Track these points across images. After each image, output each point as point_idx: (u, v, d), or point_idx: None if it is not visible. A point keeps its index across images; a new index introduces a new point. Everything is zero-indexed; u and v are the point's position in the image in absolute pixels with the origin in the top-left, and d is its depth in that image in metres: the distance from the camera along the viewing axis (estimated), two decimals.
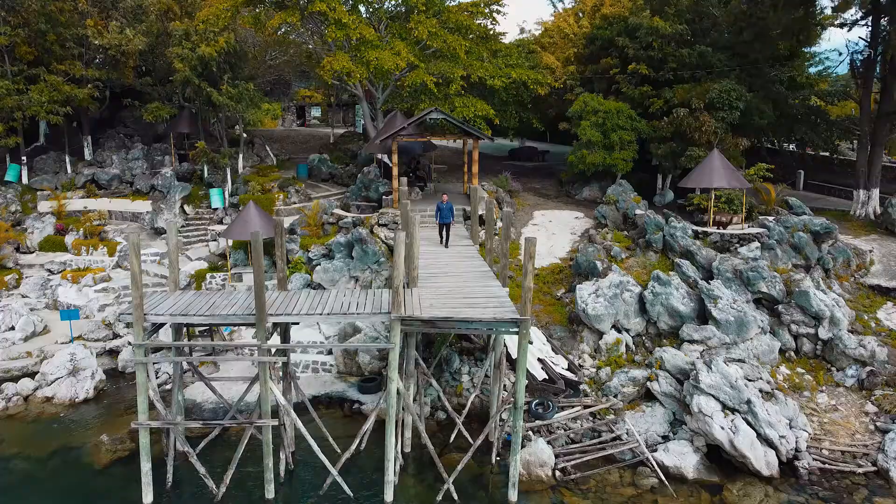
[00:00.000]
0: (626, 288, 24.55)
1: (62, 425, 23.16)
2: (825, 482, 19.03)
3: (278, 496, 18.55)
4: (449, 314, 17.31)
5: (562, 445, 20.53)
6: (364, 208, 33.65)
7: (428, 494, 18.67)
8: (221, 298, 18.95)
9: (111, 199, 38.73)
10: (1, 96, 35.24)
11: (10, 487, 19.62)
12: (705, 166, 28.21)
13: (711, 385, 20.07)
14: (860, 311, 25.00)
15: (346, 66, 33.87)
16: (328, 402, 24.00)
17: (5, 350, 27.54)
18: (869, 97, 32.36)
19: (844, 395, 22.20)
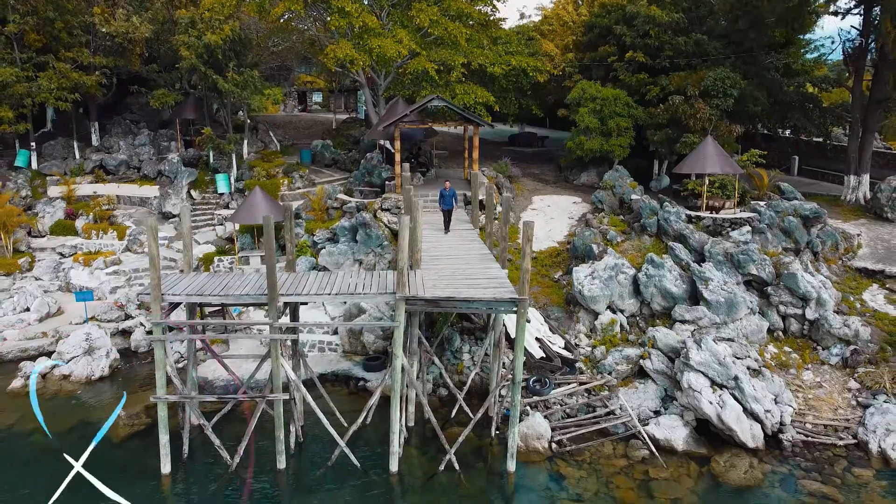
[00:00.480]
0: (621, 270, 25.48)
1: (79, 401, 24.18)
2: (807, 454, 20.04)
3: (289, 467, 19.57)
4: (451, 294, 18.25)
5: (558, 420, 21.53)
6: (367, 193, 34.53)
7: (430, 465, 19.69)
8: (234, 279, 19.87)
9: (119, 184, 39.57)
10: (11, 83, 36.00)
11: (33, 460, 20.62)
12: (699, 152, 29.05)
13: (701, 362, 21.04)
14: (846, 293, 25.96)
15: (350, 53, 34.59)
16: (334, 380, 24.98)
17: (21, 330, 28.54)
18: (860, 85, 33.11)
19: (829, 372, 23.19)
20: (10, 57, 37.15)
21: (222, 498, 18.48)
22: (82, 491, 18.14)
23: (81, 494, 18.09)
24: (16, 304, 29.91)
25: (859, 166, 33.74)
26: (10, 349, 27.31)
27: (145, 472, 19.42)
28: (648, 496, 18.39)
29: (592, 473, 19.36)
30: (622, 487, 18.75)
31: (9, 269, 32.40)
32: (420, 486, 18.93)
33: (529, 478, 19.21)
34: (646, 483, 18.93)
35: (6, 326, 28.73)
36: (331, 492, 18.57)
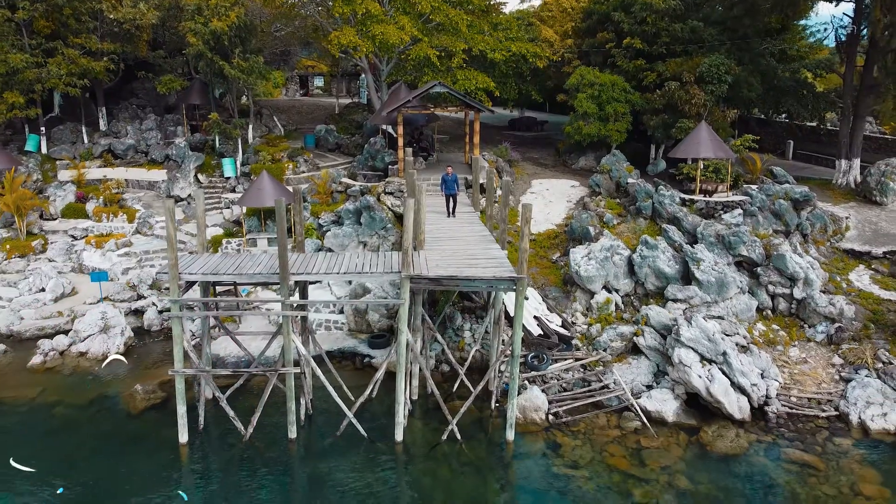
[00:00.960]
0: (617, 251, 26.46)
1: (96, 377, 25.21)
2: (791, 425, 21.12)
3: (300, 437, 20.66)
4: (453, 273, 19.25)
5: (555, 393, 22.60)
6: (370, 177, 35.43)
7: (433, 435, 20.77)
8: (246, 260, 20.85)
9: (128, 168, 40.44)
10: (21, 69, 36.76)
11: (55, 431, 21.68)
12: (693, 138, 29.92)
13: (691, 338, 22.08)
14: (833, 273, 26.94)
15: (353, 40, 35.35)
16: (341, 357, 26.01)
17: (38, 310, 29.54)
18: (852, 71, 33.88)
19: (814, 349, 24.23)
20: (20, 43, 37.86)
21: (237, 465, 19.57)
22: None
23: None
24: (31, 285, 30.89)
25: (850, 151, 34.58)
26: (28, 328, 28.31)
27: (163, 442, 20.49)
28: (640, 464, 19.48)
29: (587, 443, 20.45)
30: (615, 455, 19.84)
31: (23, 250, 33.34)
32: (423, 455, 20.02)
33: (527, 446, 20.31)
34: (637, 452, 20.02)
35: (23, 306, 29.73)
36: (339, 459, 19.66)
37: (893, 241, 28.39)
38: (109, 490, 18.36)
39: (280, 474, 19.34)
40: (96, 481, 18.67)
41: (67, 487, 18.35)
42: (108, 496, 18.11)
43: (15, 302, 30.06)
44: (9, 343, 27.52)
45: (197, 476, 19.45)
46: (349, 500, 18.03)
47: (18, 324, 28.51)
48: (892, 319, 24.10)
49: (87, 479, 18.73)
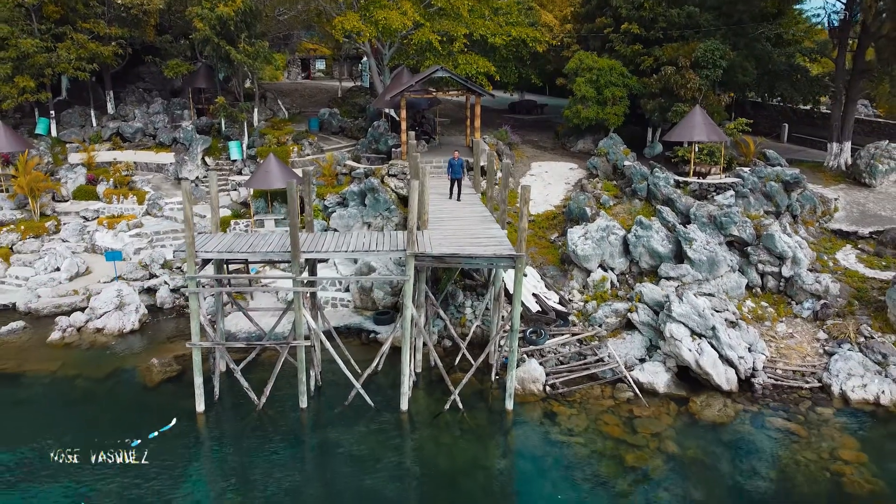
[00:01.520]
0: (612, 231, 27.47)
1: (113, 352, 26.35)
2: (776, 396, 22.24)
3: (310, 406, 21.80)
4: (456, 251, 20.29)
5: (552, 366, 23.72)
6: (374, 160, 36.34)
7: (437, 405, 21.90)
8: (258, 239, 21.86)
9: (136, 151, 41.31)
10: (32, 53, 37.55)
11: (76, 401, 22.83)
12: (688, 121, 30.83)
13: (682, 314, 23.15)
14: (821, 252, 27.96)
15: (357, 25, 36.12)
16: (347, 333, 27.08)
17: (53, 288, 30.62)
18: (844, 56, 34.69)
19: (801, 324, 25.31)
20: (30, 28, 38.60)
21: (252, 432, 20.72)
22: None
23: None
24: (46, 265, 31.95)
25: (842, 134, 35.49)
26: (45, 305, 29.42)
27: (181, 411, 21.61)
28: (632, 431, 20.62)
29: (582, 412, 21.60)
30: (609, 424, 20.99)
31: (37, 231, 34.33)
32: (427, 423, 21.16)
33: (526, 415, 21.45)
34: (630, 420, 21.15)
35: (39, 285, 30.83)
36: (348, 427, 20.80)
37: (879, 221, 29.39)
38: (129, 455, 19.47)
39: (292, 441, 20.50)
40: (118, 448, 19.77)
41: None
42: (130, 462, 19.21)
43: (31, 281, 31.18)
44: (27, 320, 28.66)
45: (213, 442, 20.63)
46: (358, 465, 19.17)
47: (36, 302, 29.61)
48: (875, 296, 25.15)
49: (110, 446, 19.83)
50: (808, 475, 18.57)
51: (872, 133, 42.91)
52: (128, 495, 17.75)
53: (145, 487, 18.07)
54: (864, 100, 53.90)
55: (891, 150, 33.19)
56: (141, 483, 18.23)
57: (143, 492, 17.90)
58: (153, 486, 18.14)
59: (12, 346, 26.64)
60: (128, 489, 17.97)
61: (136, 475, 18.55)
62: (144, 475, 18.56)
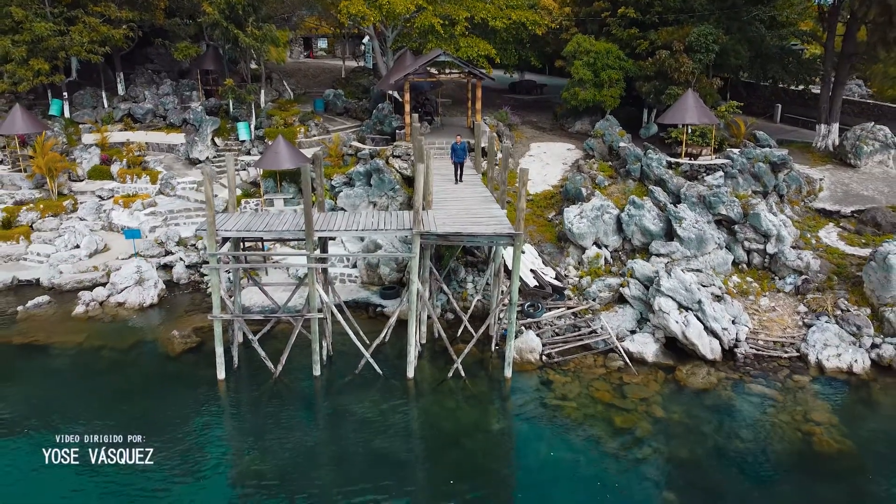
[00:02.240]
0: (606, 210, 28.92)
1: (135, 324, 27.92)
2: (757, 364, 23.85)
3: (323, 374, 23.42)
4: (459, 230, 21.77)
5: (548, 337, 25.31)
6: (378, 141, 37.66)
7: (440, 373, 23.52)
8: (273, 218, 23.34)
9: (147, 131, 42.62)
10: (46, 37, 38.72)
11: (102, 371, 24.42)
12: (681, 104, 32.10)
13: (670, 288, 24.70)
14: (805, 231, 29.42)
15: (361, 9, 37.27)
16: (355, 307, 28.56)
17: (74, 265, 32.13)
18: (833, 40, 35.82)
19: (783, 298, 26.86)
20: (43, 12, 39.70)
21: (269, 398, 22.36)
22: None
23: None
24: (66, 242, 33.40)
25: (830, 116, 36.76)
26: (68, 281, 30.93)
27: (203, 379, 23.25)
28: (621, 396, 22.26)
29: (576, 379, 23.22)
30: (600, 390, 22.62)
31: (55, 210, 35.74)
32: (432, 389, 22.80)
33: (523, 382, 23.09)
34: (620, 387, 22.79)
35: (60, 261, 32.30)
36: (359, 393, 22.44)
37: (861, 201, 30.83)
38: (160, 419, 21.10)
39: (307, 406, 22.20)
40: (146, 412, 21.42)
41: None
42: (160, 424, 20.82)
43: (53, 257, 32.64)
44: (51, 294, 30.19)
45: (233, 407, 22.31)
46: (368, 427, 20.81)
47: (58, 277, 31.12)
48: (853, 272, 26.67)
49: (138, 412, 21.48)
50: (783, 436, 20.23)
51: (862, 114, 44.11)
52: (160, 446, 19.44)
53: (177, 444, 19.77)
54: (859, 80, 55.10)
55: (875, 132, 34.50)
56: (171, 441, 19.92)
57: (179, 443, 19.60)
58: (181, 447, 19.84)
59: (39, 319, 28.20)
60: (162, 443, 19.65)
61: (165, 442, 20.23)
62: (172, 438, 20.24)
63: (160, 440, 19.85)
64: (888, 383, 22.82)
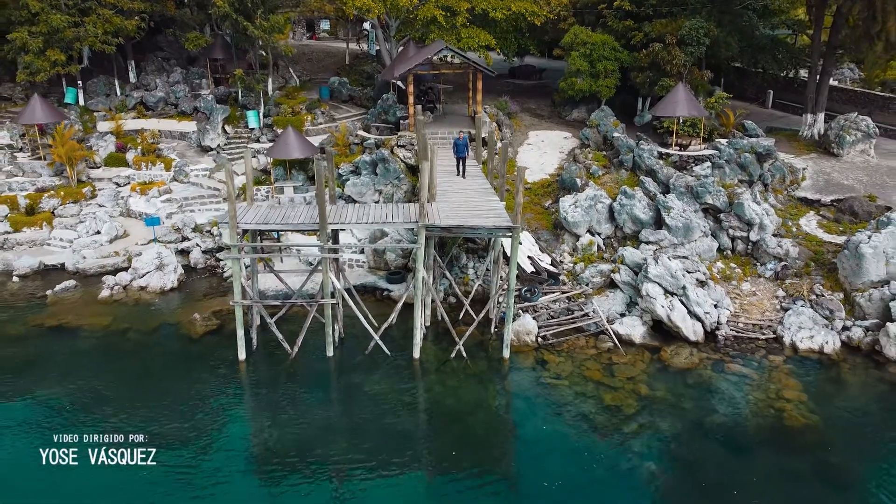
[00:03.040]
0: (599, 200, 30.67)
1: (157, 307, 29.81)
2: (736, 345, 25.80)
3: (335, 355, 25.37)
4: (461, 223, 23.57)
5: (544, 320, 27.22)
6: (383, 129, 39.27)
7: (444, 354, 25.47)
8: (289, 210, 25.12)
9: (159, 119, 44.18)
10: (62, 28, 40.15)
11: (130, 352, 26.34)
12: (672, 97, 33.68)
13: (657, 275, 26.55)
14: (787, 219, 31.19)
15: (367, 3, 38.67)
16: (363, 291, 30.40)
17: (96, 250, 33.96)
18: (820, 32, 37.27)
19: (763, 283, 28.73)
20: (58, 3, 41.05)
21: (287, 378, 24.35)
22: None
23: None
24: (88, 228, 35.23)
25: (816, 105, 38.33)
26: (91, 266, 32.75)
27: (225, 360, 25.21)
28: (610, 375, 24.23)
29: (569, 359, 25.19)
30: (591, 369, 24.58)
31: (76, 197, 37.47)
32: (436, 369, 24.77)
33: (520, 362, 25.05)
34: (609, 366, 24.75)
35: (83, 247, 34.13)
36: (369, 373, 24.40)
37: (841, 190, 32.54)
38: (185, 397, 23.10)
39: (322, 385, 24.16)
40: (171, 391, 23.40)
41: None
42: (186, 402, 22.83)
43: (76, 243, 34.46)
44: (77, 279, 31.98)
45: (254, 385, 24.30)
46: (377, 404, 22.80)
47: (82, 262, 32.95)
48: (830, 259, 28.48)
49: (165, 390, 23.46)
50: (756, 411, 22.24)
51: (849, 101, 45.58)
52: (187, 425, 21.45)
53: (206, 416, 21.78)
54: (852, 63, 56.32)
55: (858, 122, 36.08)
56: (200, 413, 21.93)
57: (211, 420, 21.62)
58: (209, 420, 21.86)
59: (68, 302, 30.09)
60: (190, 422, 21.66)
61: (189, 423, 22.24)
62: (196, 410, 22.26)
63: (192, 417, 21.91)
64: (856, 363, 24.79)
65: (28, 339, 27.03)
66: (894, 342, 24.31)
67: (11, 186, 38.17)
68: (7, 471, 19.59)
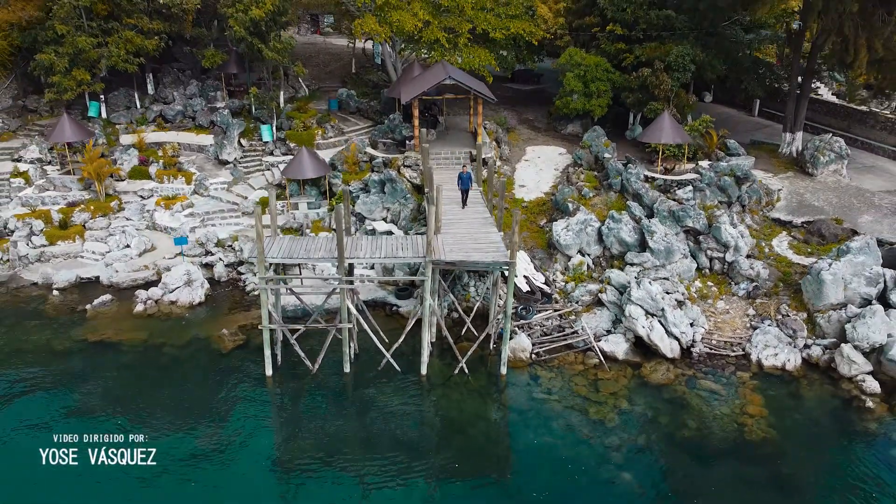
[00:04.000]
0: (589, 224, 33.60)
1: (188, 322, 32.82)
2: (709, 362, 28.92)
3: (352, 371, 28.48)
4: (463, 258, 26.57)
5: (537, 337, 30.30)
6: (389, 145, 42.06)
7: (448, 370, 28.55)
8: (309, 243, 28.08)
9: (178, 132, 46.83)
10: (87, 49, 42.68)
11: (168, 366, 29.30)
12: (657, 125, 36.49)
13: (639, 298, 29.59)
14: (761, 240, 34.14)
15: (374, 28, 41.20)
16: (373, 305, 33.40)
17: (127, 263, 36.91)
18: (798, 58, 39.91)
19: (736, 302, 31.78)
20: (81, 24, 43.50)
21: (309, 391, 27.50)
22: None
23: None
24: (118, 242, 38.15)
25: (794, 125, 41.09)
26: (124, 279, 35.70)
27: (253, 375, 28.30)
28: (596, 391, 27.38)
29: (559, 375, 28.33)
30: (578, 385, 27.72)
31: (104, 210, 40.33)
32: (441, 384, 27.91)
33: (516, 378, 28.17)
34: (595, 382, 27.89)
35: (114, 260, 37.08)
36: (382, 387, 27.54)
37: (812, 211, 35.46)
38: (222, 411, 26.26)
39: (340, 398, 27.31)
40: (207, 404, 26.54)
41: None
42: (222, 415, 26.00)
43: (108, 257, 37.40)
44: (111, 292, 34.91)
45: (278, 398, 27.46)
46: (390, 416, 25.99)
47: (116, 276, 35.90)
48: (797, 280, 31.49)
49: (201, 402, 26.61)
50: (721, 426, 25.42)
51: (829, 114, 48.35)
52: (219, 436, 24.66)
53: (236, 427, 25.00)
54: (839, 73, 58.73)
55: (832, 143, 38.87)
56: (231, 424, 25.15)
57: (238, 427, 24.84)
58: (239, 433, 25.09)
59: (106, 316, 33.09)
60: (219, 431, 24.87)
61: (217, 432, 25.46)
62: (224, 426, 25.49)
63: (229, 428, 25.11)
64: (814, 379, 27.95)
65: (74, 354, 29.98)
66: (847, 361, 27.42)
67: (44, 201, 41.03)
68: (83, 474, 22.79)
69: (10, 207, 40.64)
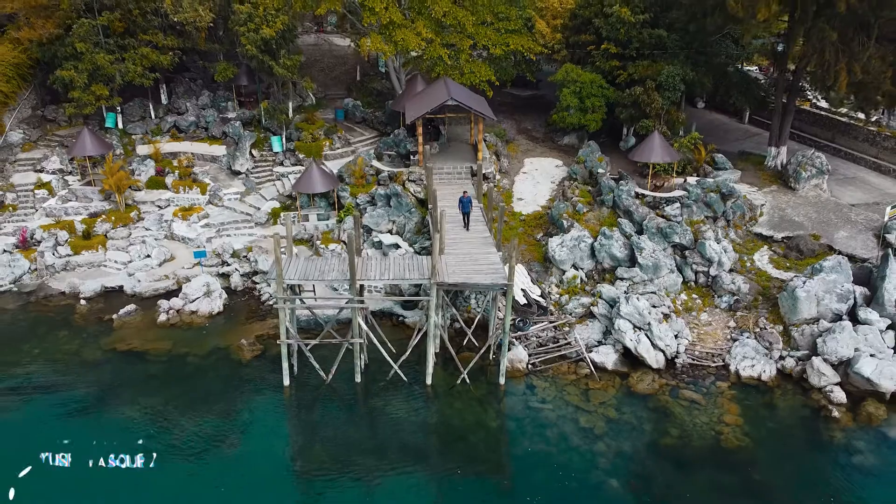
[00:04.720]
0: (583, 240, 35.90)
1: (208, 331, 35.20)
2: (691, 372, 31.34)
3: (362, 380, 30.93)
4: (465, 280, 28.94)
5: (533, 348, 32.70)
6: (394, 157, 44.25)
7: (451, 379, 30.98)
8: (323, 264, 30.41)
9: (192, 142, 48.99)
10: (105, 66, 44.74)
11: (192, 375, 31.71)
12: (648, 143, 38.66)
13: (627, 313, 31.98)
14: (743, 254, 36.44)
15: (380, 46, 43.23)
16: (381, 315, 35.79)
17: (148, 273, 39.25)
18: (783, 77, 41.97)
19: (719, 314, 34.15)
20: (99, 42, 45.49)
21: (323, 400, 29.98)
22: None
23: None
24: (139, 252, 40.48)
25: (779, 140, 43.24)
26: (146, 289, 38.05)
27: (271, 384, 30.76)
28: (586, 400, 29.82)
29: (553, 384, 30.78)
30: (570, 394, 30.18)
31: (124, 221, 42.62)
32: (445, 393, 30.38)
33: (513, 388, 30.63)
34: (586, 391, 30.33)
35: (136, 270, 39.41)
36: (390, 396, 30.03)
37: (792, 226, 37.72)
38: (245, 419, 28.79)
39: (352, 405, 29.82)
40: (231, 412, 29.04)
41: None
42: (244, 422, 28.53)
43: (130, 266, 39.73)
44: (135, 301, 37.27)
45: (295, 406, 29.95)
46: (398, 423, 28.49)
47: (138, 286, 38.26)
48: (775, 294, 33.85)
49: (224, 410, 29.09)
50: (700, 434, 27.89)
51: (815, 124, 50.48)
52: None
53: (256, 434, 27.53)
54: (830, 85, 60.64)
55: (813, 159, 41.04)
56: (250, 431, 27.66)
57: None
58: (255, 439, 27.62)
59: (131, 326, 35.48)
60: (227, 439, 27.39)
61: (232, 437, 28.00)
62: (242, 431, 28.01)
63: (252, 434, 27.67)
64: (787, 389, 30.39)
65: (104, 364, 32.37)
66: (817, 373, 29.84)
67: (67, 211, 43.33)
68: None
69: (36, 218, 42.94)
